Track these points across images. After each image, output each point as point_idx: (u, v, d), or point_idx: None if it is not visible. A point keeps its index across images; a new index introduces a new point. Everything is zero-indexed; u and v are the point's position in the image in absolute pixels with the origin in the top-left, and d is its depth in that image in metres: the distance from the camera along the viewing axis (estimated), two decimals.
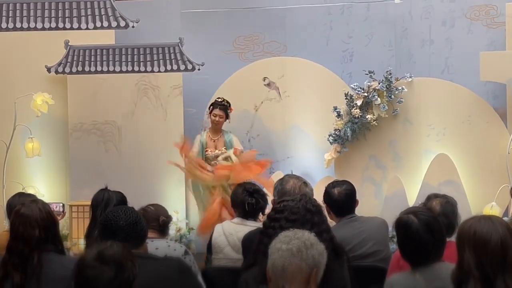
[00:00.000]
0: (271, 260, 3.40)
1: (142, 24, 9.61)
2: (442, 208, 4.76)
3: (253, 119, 9.86)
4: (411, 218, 3.91)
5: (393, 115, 9.06)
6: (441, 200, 4.90)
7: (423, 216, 3.93)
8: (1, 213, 8.53)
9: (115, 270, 3.16)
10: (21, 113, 9.03)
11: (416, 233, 3.87)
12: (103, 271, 3.15)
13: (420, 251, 3.88)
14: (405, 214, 3.98)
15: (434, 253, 3.90)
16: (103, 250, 3.23)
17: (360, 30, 10.00)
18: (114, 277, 3.15)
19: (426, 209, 4.31)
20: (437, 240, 3.90)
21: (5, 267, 4.04)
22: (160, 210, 5.27)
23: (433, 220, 3.95)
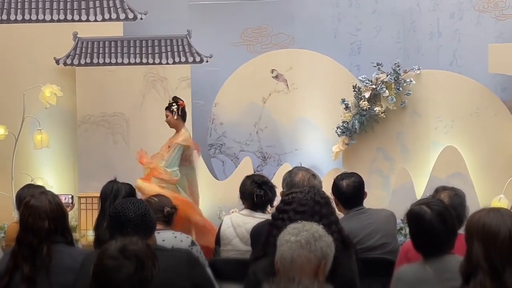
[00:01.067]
0: (280, 251, 3.42)
1: (151, 16, 9.62)
2: (450, 200, 4.76)
3: (261, 112, 9.86)
4: (423, 209, 3.91)
5: (401, 107, 9.05)
6: (450, 192, 4.90)
7: (435, 207, 3.93)
8: (10, 204, 8.56)
9: (136, 266, 3.17)
10: (30, 105, 9.04)
11: (429, 224, 3.88)
12: (124, 265, 3.17)
13: (433, 241, 3.88)
14: (417, 205, 3.98)
15: (447, 244, 3.90)
16: (127, 245, 3.24)
17: (368, 22, 9.99)
18: (133, 273, 3.16)
19: (438, 200, 4.31)
20: (450, 230, 3.91)
21: (15, 258, 4.06)
22: (165, 201, 5.28)
23: (445, 210, 3.95)
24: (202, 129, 9.86)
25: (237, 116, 9.84)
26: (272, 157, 9.92)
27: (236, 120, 9.83)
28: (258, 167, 9.82)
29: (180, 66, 9.46)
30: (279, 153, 9.90)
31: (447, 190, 4.96)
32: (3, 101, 9.46)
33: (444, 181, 8.34)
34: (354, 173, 5.59)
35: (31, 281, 3.99)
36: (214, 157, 10.07)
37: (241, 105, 9.85)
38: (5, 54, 9.56)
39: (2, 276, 4.07)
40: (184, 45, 9.53)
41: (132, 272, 3.17)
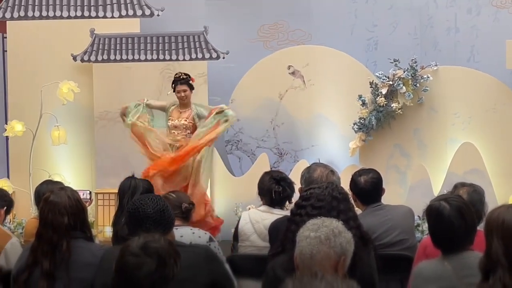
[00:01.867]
0: (299, 247, 3.42)
1: (167, 12, 9.64)
2: (469, 197, 4.74)
3: (277, 108, 9.87)
4: (442, 204, 3.91)
5: (418, 103, 9.03)
6: (468, 188, 4.88)
7: (454, 202, 3.93)
8: (28, 200, 8.62)
9: (157, 263, 3.19)
10: (47, 101, 9.09)
11: (448, 219, 3.87)
12: (145, 262, 3.18)
13: (452, 237, 3.87)
14: (436, 201, 3.98)
15: (465, 239, 3.89)
16: (149, 242, 3.26)
17: (385, 18, 9.98)
18: (154, 270, 3.18)
19: (457, 196, 4.30)
20: (469, 226, 3.90)
21: (35, 254, 4.08)
22: (182, 197, 5.29)
23: (464, 206, 3.95)
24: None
25: (253, 113, 9.85)
26: (288, 153, 9.93)
27: (252, 116, 9.84)
28: (274, 164, 9.83)
29: (197, 62, 9.48)
30: (295, 150, 9.91)
31: (465, 186, 4.95)
32: (21, 98, 9.52)
33: (461, 178, 8.30)
34: (372, 169, 5.57)
35: (51, 277, 4.00)
36: (230, 154, 10.09)
37: (257, 101, 9.86)
38: (23, 51, 9.61)
39: (21, 272, 4.09)
40: (201, 42, 9.54)
41: (153, 269, 3.18)
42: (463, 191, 4.83)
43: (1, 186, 8.53)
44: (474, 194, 4.85)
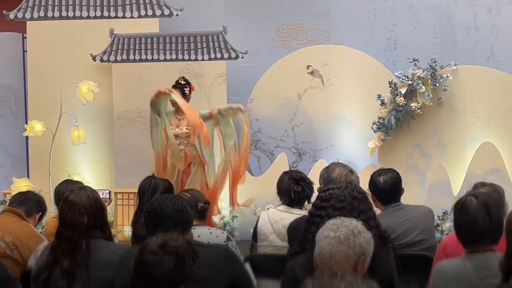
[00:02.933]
0: (319, 247, 3.41)
1: (186, 12, 9.65)
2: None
3: (296, 107, 9.86)
4: (469, 198, 3.91)
5: (437, 103, 8.99)
6: (488, 188, 4.86)
7: (482, 197, 3.92)
8: (48, 199, 8.62)
9: (175, 262, 3.20)
10: (67, 101, 9.12)
11: (473, 212, 3.85)
12: (164, 260, 3.20)
13: (475, 232, 3.85)
14: (465, 195, 3.98)
15: (489, 237, 3.86)
16: (168, 240, 3.27)
17: (405, 18, 9.95)
18: (173, 268, 3.19)
19: (487, 193, 4.27)
20: (493, 222, 3.86)
21: (55, 253, 4.10)
22: (198, 196, 5.29)
23: (491, 202, 3.92)
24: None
25: (272, 112, 9.85)
26: (307, 153, 9.92)
27: (271, 116, 9.84)
28: (293, 163, 9.83)
29: (216, 62, 9.48)
30: (314, 149, 9.90)
31: (485, 186, 4.93)
32: (40, 98, 9.56)
33: (481, 177, 8.28)
34: (391, 169, 5.56)
35: (71, 276, 4.02)
36: (249, 153, 10.07)
37: (276, 101, 9.86)
38: (43, 51, 9.64)
39: (41, 271, 4.11)
40: (220, 41, 9.54)
41: (172, 267, 3.19)
42: (483, 191, 4.79)
43: (21, 186, 8.62)
44: (494, 193, 4.83)
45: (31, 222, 5.43)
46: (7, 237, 4.99)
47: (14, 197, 5.58)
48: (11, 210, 5.33)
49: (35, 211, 5.52)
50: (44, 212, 5.68)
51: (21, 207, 5.42)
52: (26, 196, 5.57)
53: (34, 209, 5.52)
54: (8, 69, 10.31)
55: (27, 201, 5.50)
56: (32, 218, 5.49)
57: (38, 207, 5.57)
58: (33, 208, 5.51)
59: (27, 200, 5.52)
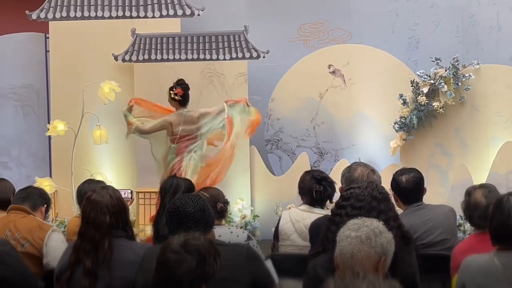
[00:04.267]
0: (340, 247, 3.41)
1: (208, 12, 9.67)
2: (487, 200, 4.68)
3: (318, 107, 9.85)
4: (506, 197, 3.95)
5: (460, 102, 8.95)
6: (484, 190, 4.79)
7: None
8: (70, 199, 8.69)
9: (197, 261, 3.21)
10: (89, 101, 9.15)
11: (507, 211, 3.86)
12: (185, 259, 3.21)
13: (507, 230, 3.85)
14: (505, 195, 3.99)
15: None
16: (190, 240, 3.28)
17: (427, 17, 9.92)
18: (194, 267, 3.20)
19: None
20: None
21: (77, 252, 4.11)
22: (216, 196, 5.29)
23: None
24: (259, 125, 9.86)
25: (294, 112, 9.84)
26: (329, 152, 9.91)
27: (293, 115, 9.84)
28: (315, 163, 9.82)
29: (237, 61, 9.49)
30: (336, 149, 9.89)
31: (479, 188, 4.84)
32: (63, 98, 9.61)
33: (503, 177, 8.27)
34: (413, 168, 5.54)
35: (93, 275, 4.04)
36: (271, 153, 10.09)
37: (298, 100, 9.86)
38: (65, 51, 9.69)
39: (64, 270, 4.13)
40: (241, 41, 9.55)
41: (193, 266, 3.20)
42: (479, 195, 4.73)
43: (44, 185, 8.65)
44: (491, 194, 4.75)
45: (38, 216, 5.43)
46: (16, 234, 5.02)
47: (16, 195, 5.59)
48: (16, 208, 5.35)
49: (40, 204, 5.52)
50: (49, 203, 5.67)
51: (25, 203, 5.42)
52: (27, 192, 5.57)
53: (39, 202, 5.51)
54: (30, 69, 10.37)
55: (30, 196, 5.50)
56: (39, 212, 5.48)
57: (42, 200, 5.56)
58: (37, 201, 5.50)
59: (30, 195, 5.52)
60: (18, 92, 10.38)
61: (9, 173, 9.85)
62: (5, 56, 10.39)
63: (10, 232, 4.97)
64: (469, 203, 4.73)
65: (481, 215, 4.63)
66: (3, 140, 10.38)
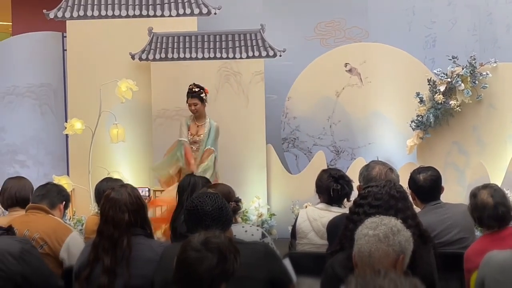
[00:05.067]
0: (358, 245, 3.41)
1: (224, 11, 9.69)
2: (494, 199, 4.65)
3: (334, 105, 9.85)
4: None
5: (477, 100, 8.92)
6: (489, 190, 4.75)
7: None
8: (88, 197, 8.72)
9: (217, 258, 3.21)
10: (106, 100, 9.18)
11: None
12: (206, 257, 3.21)
13: None
14: None
15: None
16: (210, 237, 3.28)
17: (444, 15, 9.90)
18: (215, 265, 3.20)
19: None
20: None
21: (96, 250, 4.12)
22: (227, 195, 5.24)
23: None
24: (275, 123, 9.89)
25: (310, 110, 9.85)
26: (345, 151, 9.91)
27: (309, 114, 9.84)
28: (331, 161, 9.82)
29: (254, 60, 9.50)
30: (352, 147, 9.89)
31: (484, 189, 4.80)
32: (80, 96, 9.65)
33: None
34: (431, 167, 5.52)
35: (112, 273, 4.04)
36: (287, 151, 10.10)
37: (314, 99, 9.86)
38: (82, 50, 9.74)
39: (83, 268, 4.14)
40: (258, 40, 9.56)
41: (214, 264, 3.21)
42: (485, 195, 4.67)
43: (61, 184, 8.68)
44: (497, 193, 4.71)
45: (56, 214, 5.41)
46: (34, 234, 5.01)
47: (35, 192, 5.57)
48: (34, 207, 5.33)
49: (58, 201, 5.50)
50: (68, 200, 5.65)
51: (43, 201, 5.40)
52: (46, 189, 5.55)
53: (57, 200, 5.49)
54: (48, 68, 10.42)
55: (48, 194, 5.48)
56: (57, 209, 5.47)
57: (61, 197, 5.54)
58: (55, 199, 5.48)
59: (48, 192, 5.50)
60: (36, 91, 10.44)
61: (27, 171, 9.90)
62: (23, 55, 10.45)
63: (28, 232, 4.98)
64: (476, 204, 4.68)
65: (490, 215, 4.60)
66: (21, 139, 10.44)
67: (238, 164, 9.34)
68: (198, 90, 8.46)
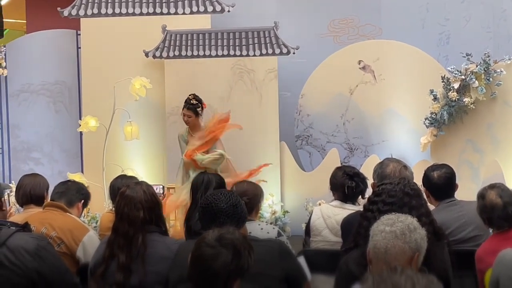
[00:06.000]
0: (373, 241, 3.41)
1: (238, 8, 9.70)
2: (502, 199, 4.63)
3: (348, 103, 9.84)
4: None
5: (491, 98, 8.88)
6: (497, 190, 4.73)
7: None
8: (102, 194, 8.75)
9: (232, 254, 3.22)
10: (120, 97, 9.20)
11: None
12: (221, 253, 3.22)
13: None
14: None
15: None
16: (224, 234, 3.29)
17: (457, 12, 9.88)
18: (230, 261, 3.21)
19: None
20: None
21: (111, 247, 4.15)
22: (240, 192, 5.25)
23: None
24: (289, 121, 9.90)
25: (323, 108, 9.84)
26: (359, 148, 9.90)
27: (322, 111, 9.84)
28: (345, 159, 9.81)
29: (267, 57, 9.51)
30: (366, 145, 9.88)
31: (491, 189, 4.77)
32: (94, 94, 9.68)
33: None
34: (445, 164, 5.52)
35: (127, 270, 4.07)
36: (301, 149, 10.10)
37: (328, 96, 9.86)
38: (96, 48, 9.76)
39: (99, 265, 4.17)
40: (271, 37, 9.56)
41: (229, 260, 3.21)
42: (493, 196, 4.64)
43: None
44: (504, 193, 4.70)
45: (74, 212, 5.42)
46: (51, 232, 5.02)
47: (55, 189, 5.57)
48: (52, 205, 5.34)
49: (77, 200, 5.50)
50: (86, 199, 5.66)
51: (62, 199, 5.41)
52: (65, 187, 5.55)
53: (75, 198, 5.50)
54: (62, 66, 10.46)
55: (67, 192, 5.48)
56: (75, 208, 5.47)
57: (79, 195, 5.55)
58: (73, 197, 5.49)
59: (67, 190, 5.50)
60: (50, 89, 10.49)
61: (42, 169, 9.94)
62: (37, 53, 10.50)
63: (46, 229, 5.00)
64: (485, 206, 4.65)
65: (500, 215, 4.59)
66: (35, 137, 10.49)
67: (251, 162, 9.32)
68: (195, 103, 8.37)
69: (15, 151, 10.50)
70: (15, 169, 10.26)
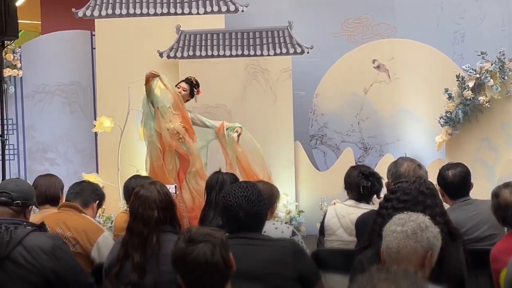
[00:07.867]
0: (386, 242, 3.40)
1: (252, 8, 9.70)
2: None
3: (362, 102, 9.84)
4: None
5: (506, 96, 8.86)
6: (511, 189, 4.69)
7: None
8: (117, 195, 8.76)
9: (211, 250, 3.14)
10: (135, 98, 9.19)
11: None
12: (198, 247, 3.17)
13: None
14: None
15: None
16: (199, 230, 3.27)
17: (472, 11, 9.84)
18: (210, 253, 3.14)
19: None
20: None
21: (126, 247, 4.15)
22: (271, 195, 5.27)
23: None
24: (303, 120, 9.89)
25: (338, 107, 9.84)
26: (373, 147, 9.89)
27: (337, 110, 9.84)
28: (359, 158, 9.81)
29: (281, 57, 9.51)
30: (380, 144, 9.87)
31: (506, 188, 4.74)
32: (109, 94, 9.70)
33: None
34: (460, 163, 5.50)
35: (142, 270, 4.06)
36: (315, 148, 10.10)
37: (342, 95, 9.85)
38: (111, 48, 9.79)
39: (113, 265, 4.17)
40: (285, 37, 9.56)
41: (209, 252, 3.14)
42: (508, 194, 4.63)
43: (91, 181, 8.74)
44: None
45: (89, 213, 5.43)
46: (67, 233, 5.03)
47: (70, 189, 5.59)
48: (67, 205, 5.36)
49: (92, 200, 5.52)
50: (101, 199, 5.67)
51: (77, 199, 5.43)
52: (80, 187, 5.57)
53: (90, 199, 5.51)
54: (77, 66, 10.49)
55: (82, 192, 5.50)
56: (90, 208, 5.49)
57: (94, 196, 5.56)
58: (88, 198, 5.50)
59: (82, 191, 5.52)
60: (65, 89, 10.51)
61: (57, 169, 9.95)
62: (52, 53, 10.52)
63: (61, 229, 5.02)
64: (499, 204, 4.61)
65: None
66: (50, 137, 10.52)
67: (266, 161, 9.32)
68: (194, 83, 8.37)
69: (31, 152, 10.53)
70: (30, 169, 10.29)
